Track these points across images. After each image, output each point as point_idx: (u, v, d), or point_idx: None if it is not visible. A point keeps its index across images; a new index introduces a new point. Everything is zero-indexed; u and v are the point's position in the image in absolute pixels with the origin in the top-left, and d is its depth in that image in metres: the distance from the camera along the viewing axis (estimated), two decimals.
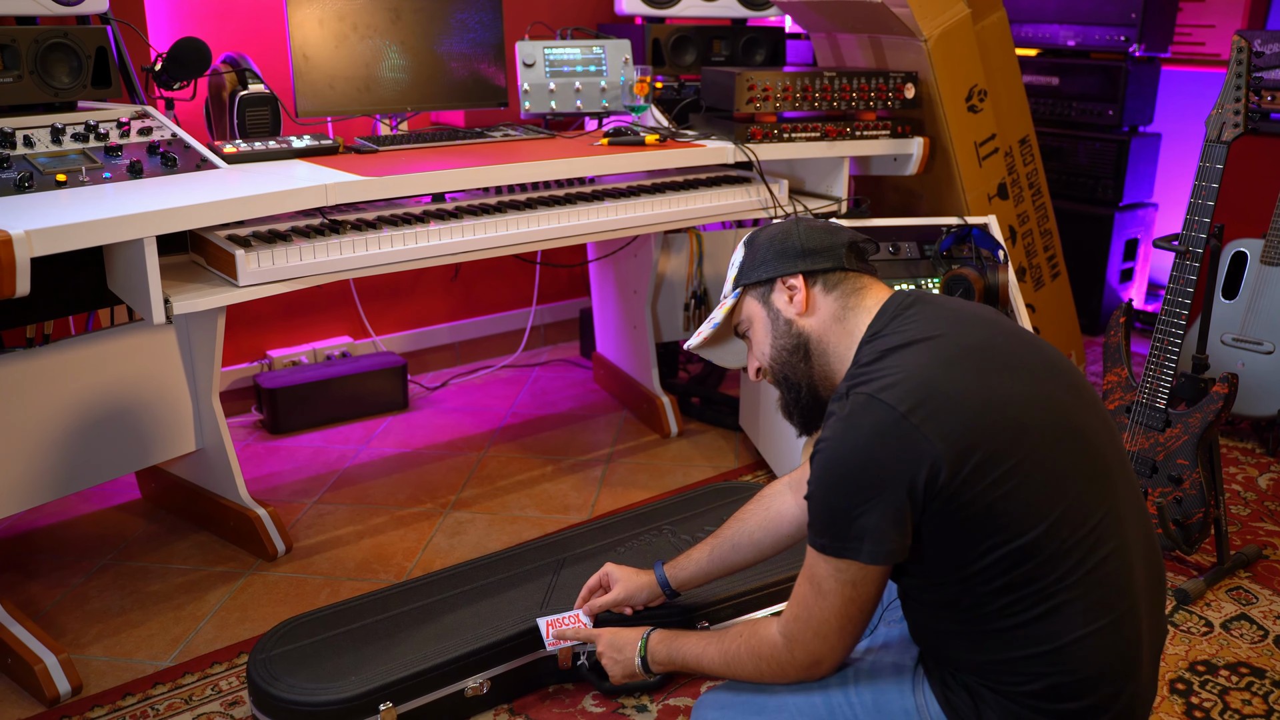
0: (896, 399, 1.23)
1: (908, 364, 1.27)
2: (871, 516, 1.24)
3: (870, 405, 1.25)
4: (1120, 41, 3.81)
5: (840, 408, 1.28)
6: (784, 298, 1.45)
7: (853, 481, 1.25)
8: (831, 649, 1.37)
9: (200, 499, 2.62)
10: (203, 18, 3.06)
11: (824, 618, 1.34)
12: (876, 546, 1.26)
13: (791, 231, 1.48)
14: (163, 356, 2.51)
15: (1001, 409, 1.25)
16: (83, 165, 2.13)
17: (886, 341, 1.33)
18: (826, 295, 1.44)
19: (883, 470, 1.23)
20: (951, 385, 1.25)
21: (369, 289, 3.58)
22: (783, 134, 2.81)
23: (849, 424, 1.26)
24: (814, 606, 1.34)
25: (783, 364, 1.47)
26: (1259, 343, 3.05)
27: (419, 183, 2.28)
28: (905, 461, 1.22)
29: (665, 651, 1.63)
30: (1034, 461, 1.24)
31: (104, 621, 2.28)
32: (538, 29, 3.34)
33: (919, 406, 1.23)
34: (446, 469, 3.03)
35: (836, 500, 1.27)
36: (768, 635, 1.43)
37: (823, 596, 1.32)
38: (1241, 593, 2.38)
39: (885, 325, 1.37)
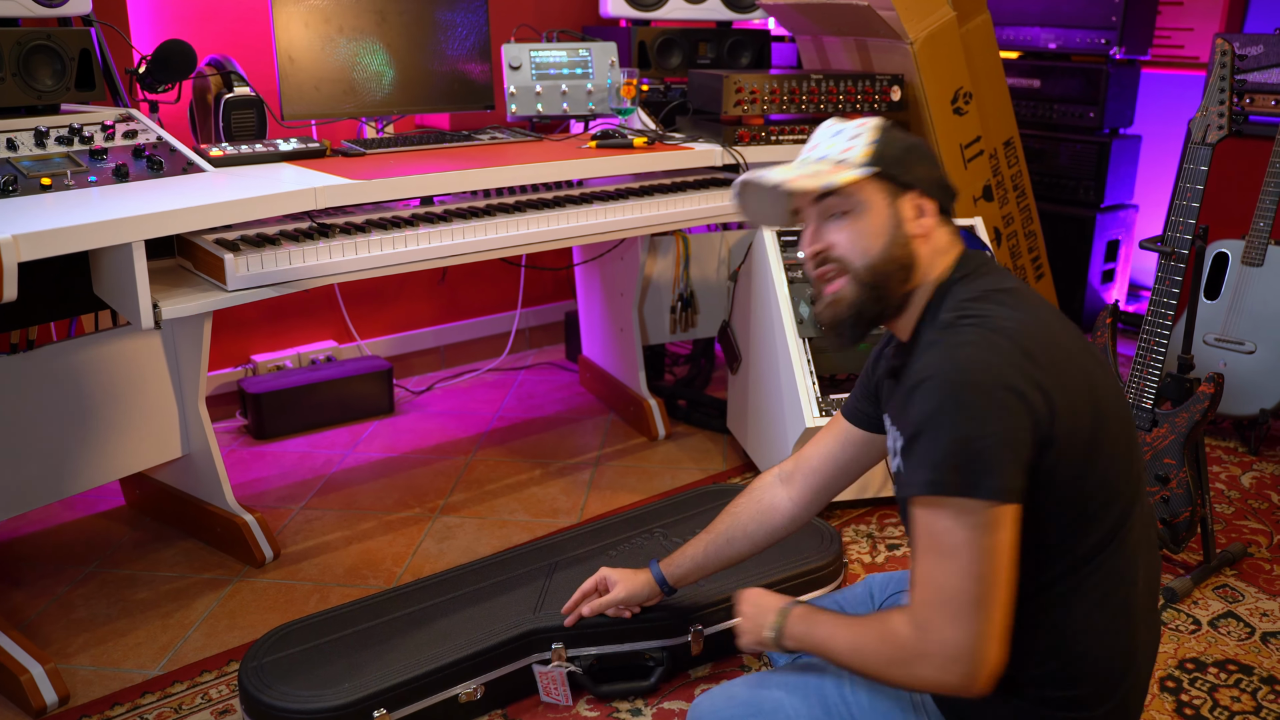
0: (1020, 338, 1.19)
1: (1018, 314, 1.23)
2: (1001, 447, 1.14)
3: (998, 334, 1.19)
4: (1101, 44, 3.84)
5: (952, 334, 1.22)
6: (911, 211, 1.36)
7: (982, 401, 1.15)
8: (972, 634, 1.13)
9: (186, 505, 2.60)
10: (186, 20, 3.03)
11: (957, 586, 1.14)
12: (1008, 482, 1.14)
13: (929, 151, 1.41)
14: (148, 362, 2.48)
15: (1095, 392, 1.24)
16: (68, 169, 2.11)
17: (982, 284, 1.30)
18: (940, 226, 1.38)
19: (1014, 395, 1.15)
20: (1057, 349, 1.22)
21: (353, 293, 3.56)
22: (770, 136, 2.81)
23: (975, 346, 1.19)
24: (940, 574, 1.15)
25: (881, 271, 1.34)
26: (1240, 343, 3.08)
27: (408, 186, 2.27)
28: (1033, 395, 1.16)
29: (802, 628, 1.41)
30: (1109, 447, 1.24)
31: (90, 630, 2.25)
32: (523, 32, 3.33)
33: (1039, 353, 1.19)
34: (434, 473, 3.02)
35: (960, 425, 1.14)
36: (896, 625, 1.22)
37: (950, 556, 1.14)
38: (1228, 590, 2.40)
39: (972, 271, 1.34)
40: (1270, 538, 2.63)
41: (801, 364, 2.58)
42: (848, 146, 1.36)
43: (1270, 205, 2.97)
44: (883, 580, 1.73)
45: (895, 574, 1.73)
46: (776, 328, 2.65)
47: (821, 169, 1.35)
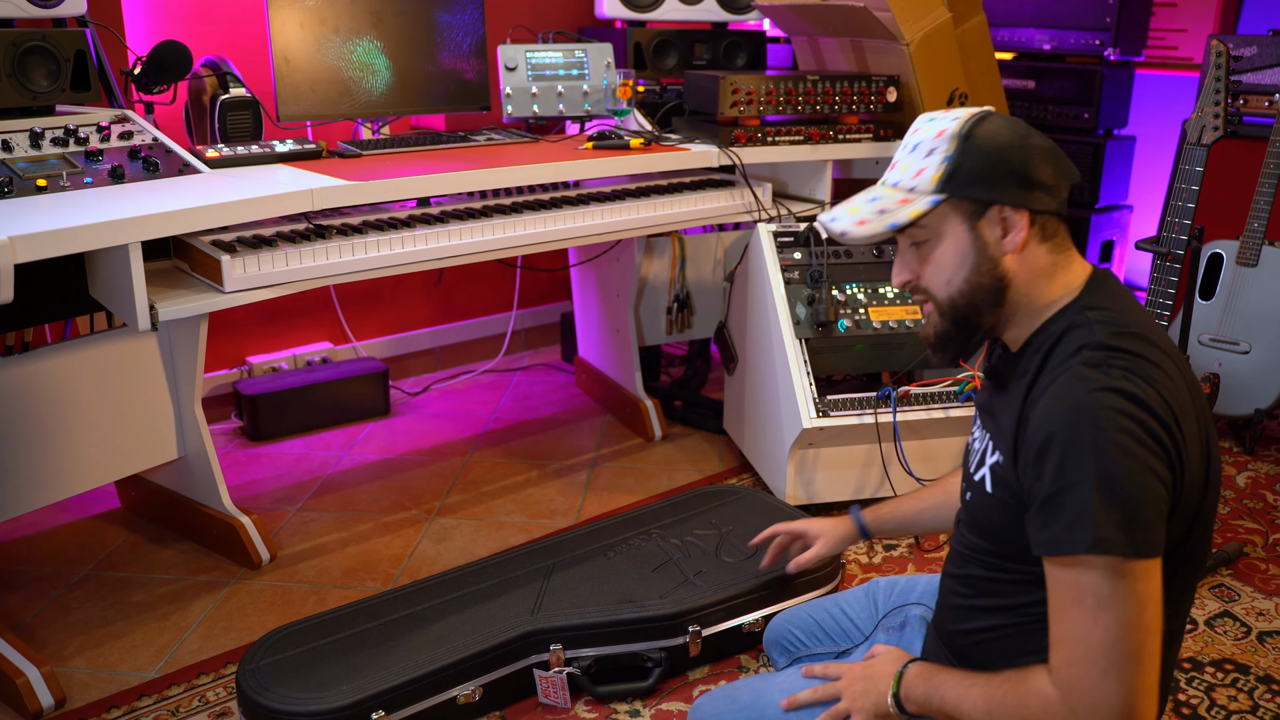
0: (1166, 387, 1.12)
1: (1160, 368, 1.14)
2: (1154, 500, 1.08)
3: (1149, 381, 1.11)
4: (1095, 45, 3.85)
5: (1097, 376, 1.11)
6: (998, 230, 1.23)
7: (1139, 449, 1.08)
8: (1126, 691, 1.06)
9: (182, 507, 2.59)
10: (181, 20, 3.02)
11: (1108, 642, 1.07)
12: (1159, 535, 1.08)
13: (1026, 147, 1.22)
14: (143, 364, 2.47)
15: (1209, 462, 1.19)
16: (63, 170, 2.10)
17: (1119, 318, 1.19)
18: (1042, 244, 1.23)
19: (1164, 445, 1.09)
20: (1191, 403, 1.16)
21: (349, 294, 3.55)
22: (766, 137, 2.82)
23: (1125, 389, 1.10)
24: (1089, 629, 1.08)
25: (968, 301, 1.25)
26: (1235, 343, 3.09)
27: (406, 187, 2.27)
28: (1174, 450, 1.11)
29: (923, 689, 1.29)
30: (1208, 511, 1.20)
31: (86, 633, 2.24)
32: (519, 33, 3.33)
33: (1179, 405, 1.13)
34: (430, 475, 3.01)
35: (1112, 473, 1.07)
36: (1038, 687, 1.13)
37: (1102, 611, 1.07)
38: (1224, 590, 2.41)
39: (1103, 302, 1.22)
40: (1266, 537, 2.64)
41: (798, 365, 2.58)
42: (921, 167, 1.25)
43: (1265, 206, 2.98)
44: (886, 585, 1.72)
45: (900, 579, 1.72)
46: (773, 328, 2.65)
47: (890, 202, 1.26)
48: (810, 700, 1.43)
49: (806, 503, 2.68)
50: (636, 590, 2.13)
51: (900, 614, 1.64)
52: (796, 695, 1.45)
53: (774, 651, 1.83)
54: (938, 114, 1.29)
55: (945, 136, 1.24)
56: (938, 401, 2.59)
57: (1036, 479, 1.13)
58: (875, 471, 2.68)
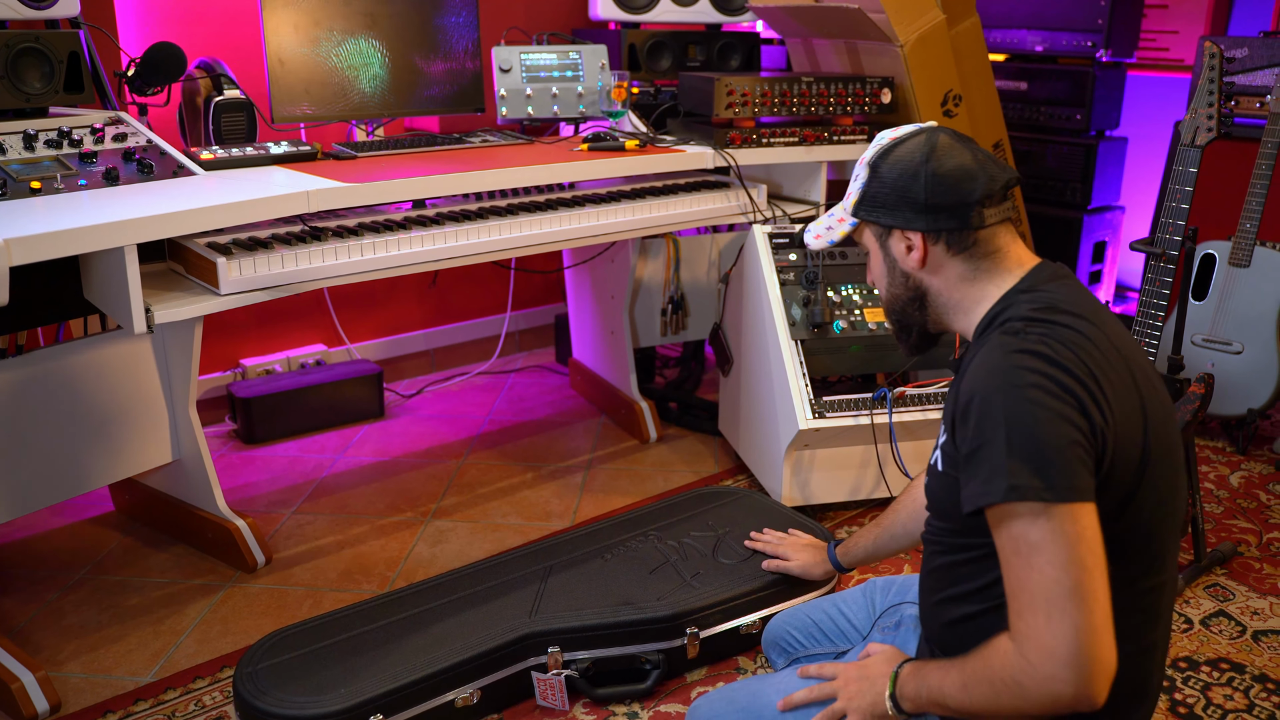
0: (1085, 353, 1.17)
1: (1083, 329, 1.20)
2: (1071, 447, 1.12)
3: (1061, 342, 1.17)
4: (1087, 47, 3.86)
5: (1016, 340, 1.19)
6: (901, 247, 1.36)
7: (1050, 402, 1.13)
8: (1074, 630, 1.07)
9: (177, 511, 2.58)
10: (174, 22, 3.01)
11: (1047, 580, 1.09)
12: (1080, 481, 1.11)
13: (919, 174, 1.32)
14: (138, 366, 2.46)
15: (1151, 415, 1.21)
16: (58, 172, 2.09)
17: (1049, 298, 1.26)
18: (953, 256, 1.34)
19: (1078, 401, 1.14)
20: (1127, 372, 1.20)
21: (343, 296, 3.54)
22: (761, 139, 2.82)
23: (1034, 347, 1.17)
24: (1027, 575, 1.11)
25: (897, 307, 1.42)
26: (1228, 343, 3.10)
27: (401, 189, 2.26)
28: (1094, 408, 1.14)
29: (914, 685, 1.30)
30: (1155, 482, 1.21)
31: (81, 637, 2.23)
32: (514, 34, 3.33)
33: (1102, 371, 1.17)
34: (425, 477, 3.01)
35: (1030, 427, 1.12)
36: (1000, 645, 1.16)
37: (1034, 553, 1.10)
38: (1219, 589, 2.42)
39: (1040, 283, 1.30)
40: (1259, 537, 2.65)
41: (794, 366, 2.58)
42: (850, 191, 1.41)
43: (1256, 206, 2.99)
44: (884, 584, 1.73)
45: (896, 579, 1.72)
46: (769, 330, 2.65)
47: (834, 220, 1.45)
48: (806, 700, 1.44)
49: (802, 504, 2.68)
50: (634, 592, 2.13)
51: (895, 613, 1.65)
52: (792, 695, 1.46)
53: (772, 652, 1.83)
54: (886, 133, 1.41)
55: (863, 164, 1.39)
56: (933, 402, 2.60)
57: (961, 441, 1.21)
58: (871, 472, 2.69)
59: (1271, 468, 3.04)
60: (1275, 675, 2.10)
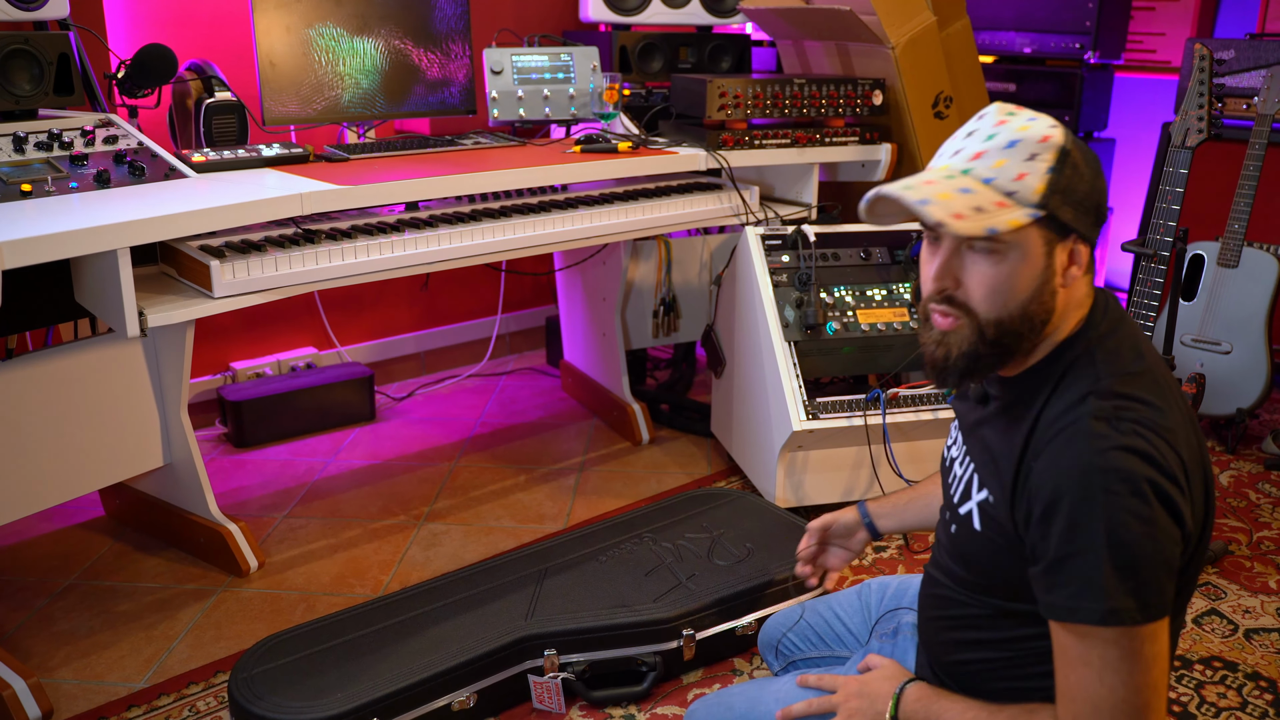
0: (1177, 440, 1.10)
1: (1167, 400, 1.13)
2: (1165, 565, 1.06)
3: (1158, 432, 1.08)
4: (1075, 49, 3.88)
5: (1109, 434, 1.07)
6: (1063, 257, 1.15)
7: (1151, 515, 1.05)
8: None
9: (168, 515, 2.56)
10: (163, 24, 3.00)
11: (1114, 703, 1.06)
12: (1166, 595, 1.07)
13: (1098, 178, 1.16)
14: (128, 370, 2.44)
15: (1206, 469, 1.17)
16: (48, 175, 2.08)
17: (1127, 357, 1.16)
18: (1085, 275, 1.18)
19: (1175, 508, 1.07)
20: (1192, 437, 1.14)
21: (333, 299, 3.53)
22: (753, 141, 2.82)
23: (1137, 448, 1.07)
24: (1095, 691, 1.07)
25: (1017, 327, 1.16)
26: (1217, 343, 3.12)
27: (396, 191, 2.26)
28: (1187, 509, 1.09)
29: (923, 714, 1.28)
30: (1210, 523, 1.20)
31: (72, 643, 2.21)
32: (504, 36, 3.32)
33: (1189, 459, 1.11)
34: (418, 480, 3.00)
35: (1125, 541, 1.04)
36: None
37: (1107, 674, 1.06)
38: (1210, 588, 2.43)
39: (1111, 328, 1.19)
40: (1250, 535, 2.67)
41: (788, 368, 2.58)
42: (1023, 171, 1.12)
43: (1245, 207, 3.01)
44: (878, 586, 1.72)
45: (891, 580, 1.71)
46: (762, 331, 2.65)
47: (987, 201, 1.12)
48: (805, 713, 1.42)
49: (796, 505, 2.68)
50: (630, 594, 2.13)
51: (893, 619, 1.64)
52: (791, 707, 1.44)
53: (768, 654, 1.83)
54: (1019, 110, 1.18)
55: (1050, 144, 1.13)
56: (926, 403, 2.60)
57: (1042, 538, 1.10)
58: (864, 473, 2.69)
59: (1260, 467, 3.06)
60: (1268, 673, 2.11)
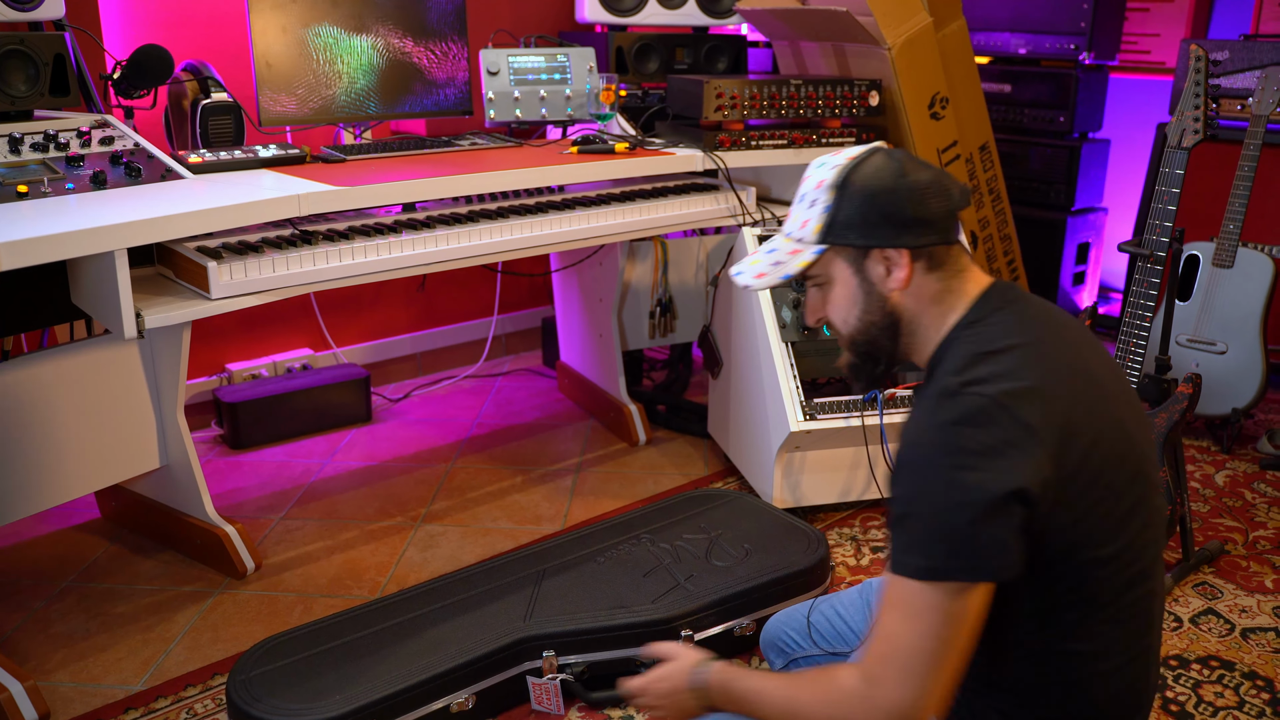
0: (1022, 408, 1.15)
1: (1024, 374, 1.18)
2: (987, 527, 1.12)
3: (994, 408, 1.14)
4: (1070, 50, 3.89)
5: (950, 405, 1.16)
6: (881, 270, 1.29)
7: (968, 483, 1.12)
8: (921, 692, 1.13)
9: (165, 517, 2.56)
10: (158, 24, 2.99)
11: (915, 648, 1.13)
12: (991, 562, 1.13)
13: (898, 189, 1.27)
14: (125, 372, 2.44)
15: (1096, 437, 1.19)
16: (44, 176, 2.07)
17: (990, 336, 1.23)
18: (929, 274, 1.28)
19: (1004, 477, 1.12)
20: (1065, 411, 1.18)
21: (329, 300, 3.52)
22: (750, 142, 2.82)
23: (963, 416, 1.15)
24: (902, 636, 1.14)
25: (867, 337, 1.33)
26: (1212, 343, 3.13)
27: (393, 192, 2.25)
28: (1027, 468, 1.13)
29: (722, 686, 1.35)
30: (1112, 495, 1.21)
31: (69, 646, 2.21)
32: (501, 37, 3.32)
33: (1043, 422, 1.15)
34: (414, 481, 2.99)
35: (950, 510, 1.13)
36: (842, 677, 1.20)
37: (914, 621, 1.14)
38: (1207, 588, 2.44)
39: (986, 315, 1.27)
40: (1245, 535, 2.67)
41: (785, 368, 2.58)
42: (805, 218, 1.32)
43: (1239, 208, 3.02)
44: (878, 587, 1.73)
45: None
46: (759, 332, 2.65)
47: (783, 254, 1.34)
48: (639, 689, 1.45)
49: (794, 506, 2.69)
50: (628, 595, 2.13)
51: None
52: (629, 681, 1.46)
53: (770, 653, 1.83)
54: (826, 158, 1.34)
55: (824, 187, 1.30)
56: None
57: (892, 500, 1.20)
58: (861, 473, 2.70)
59: (1256, 467, 3.07)
60: (1264, 672, 2.12)
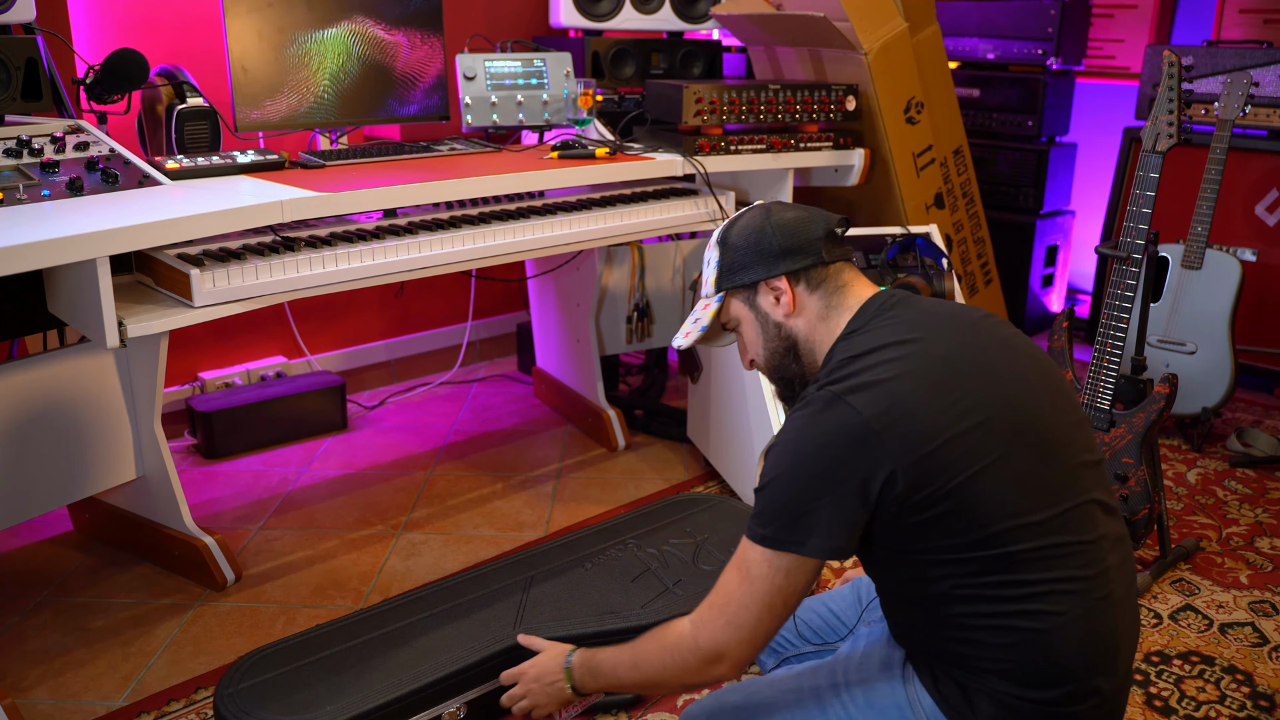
0: (863, 404, 1.24)
1: (878, 371, 1.28)
2: (822, 512, 1.25)
3: (836, 404, 1.26)
4: (1038, 55, 3.94)
5: (804, 405, 1.30)
6: (769, 300, 1.45)
7: (808, 475, 1.26)
8: (740, 640, 1.32)
9: (141, 529, 2.52)
10: (128, 28, 2.94)
11: (743, 604, 1.31)
12: (822, 541, 1.26)
13: (765, 229, 1.45)
14: (99, 382, 2.40)
15: (962, 420, 1.26)
16: (19, 182, 2.03)
17: (860, 342, 1.34)
18: (811, 294, 1.43)
19: (841, 469, 1.25)
20: (917, 399, 1.25)
21: (302, 307, 3.48)
22: (729, 146, 2.83)
23: (812, 420, 1.28)
24: (735, 592, 1.32)
25: (776, 364, 1.48)
26: (1182, 343, 3.18)
27: (378, 198, 2.23)
28: (864, 465, 1.24)
29: (589, 676, 1.57)
30: (994, 468, 1.25)
31: (46, 662, 2.16)
32: (477, 42, 3.30)
33: (883, 415, 1.24)
34: (394, 489, 2.97)
35: (788, 493, 1.27)
36: (676, 625, 1.40)
37: (749, 582, 1.31)
38: (1184, 584, 2.48)
39: (864, 324, 1.38)
40: (1219, 532, 2.72)
41: None
42: (706, 276, 1.52)
43: (1207, 210, 3.08)
44: (869, 582, 1.74)
45: None
46: None
47: (699, 311, 1.54)
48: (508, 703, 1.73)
49: None
50: (617, 601, 2.12)
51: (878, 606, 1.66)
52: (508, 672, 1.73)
53: (762, 654, 1.84)
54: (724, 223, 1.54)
55: (712, 245, 1.51)
56: None
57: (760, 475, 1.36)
58: None
59: (1226, 465, 3.12)
60: (1244, 666, 2.16)
